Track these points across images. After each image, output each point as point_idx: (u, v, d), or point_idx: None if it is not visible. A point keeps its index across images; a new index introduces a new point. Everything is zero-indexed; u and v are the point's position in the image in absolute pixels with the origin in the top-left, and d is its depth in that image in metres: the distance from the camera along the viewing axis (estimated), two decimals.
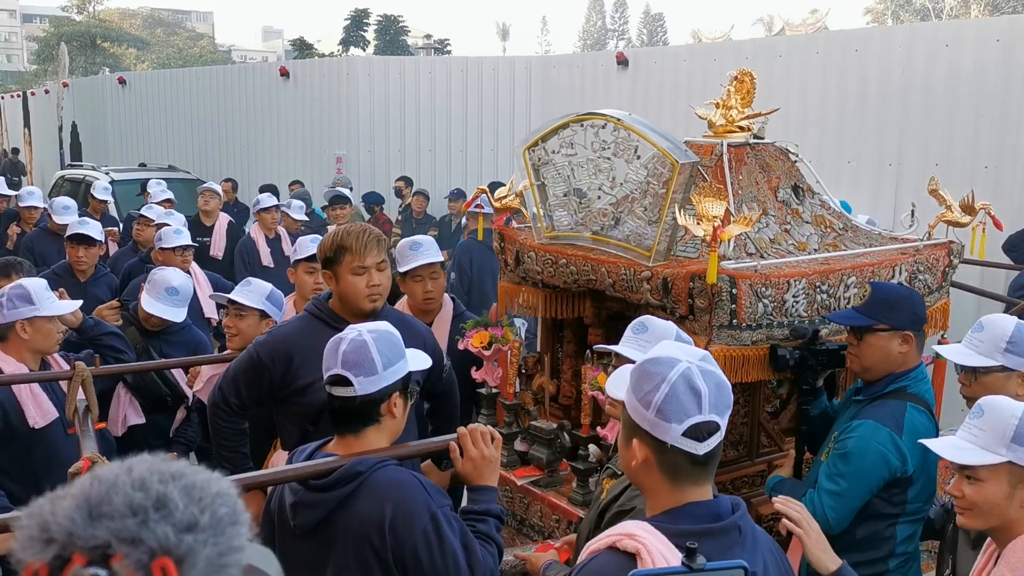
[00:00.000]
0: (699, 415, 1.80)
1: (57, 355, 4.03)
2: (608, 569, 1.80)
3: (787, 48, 9.71)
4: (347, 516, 2.35)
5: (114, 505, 1.03)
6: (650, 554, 1.74)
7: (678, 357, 1.86)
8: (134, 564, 1.00)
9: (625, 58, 11.20)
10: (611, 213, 3.78)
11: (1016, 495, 2.18)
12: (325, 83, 13.73)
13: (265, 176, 13.41)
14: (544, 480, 3.79)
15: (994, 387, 2.84)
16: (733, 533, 1.84)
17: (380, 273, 3.34)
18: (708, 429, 1.81)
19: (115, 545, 1.00)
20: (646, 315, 2.83)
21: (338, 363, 2.40)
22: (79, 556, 1.00)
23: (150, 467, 1.09)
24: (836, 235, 3.92)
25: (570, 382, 4.16)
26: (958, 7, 46.28)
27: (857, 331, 3.18)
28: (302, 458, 2.47)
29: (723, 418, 1.84)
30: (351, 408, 2.43)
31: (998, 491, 2.17)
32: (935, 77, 8.20)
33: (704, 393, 1.80)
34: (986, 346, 2.89)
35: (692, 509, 1.85)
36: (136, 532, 1.01)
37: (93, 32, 52.15)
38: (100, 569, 0.99)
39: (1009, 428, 2.16)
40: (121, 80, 18.71)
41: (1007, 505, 2.19)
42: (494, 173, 11.92)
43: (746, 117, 3.97)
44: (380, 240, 3.36)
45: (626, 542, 1.79)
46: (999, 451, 2.17)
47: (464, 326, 4.25)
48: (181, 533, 1.03)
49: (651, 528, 1.80)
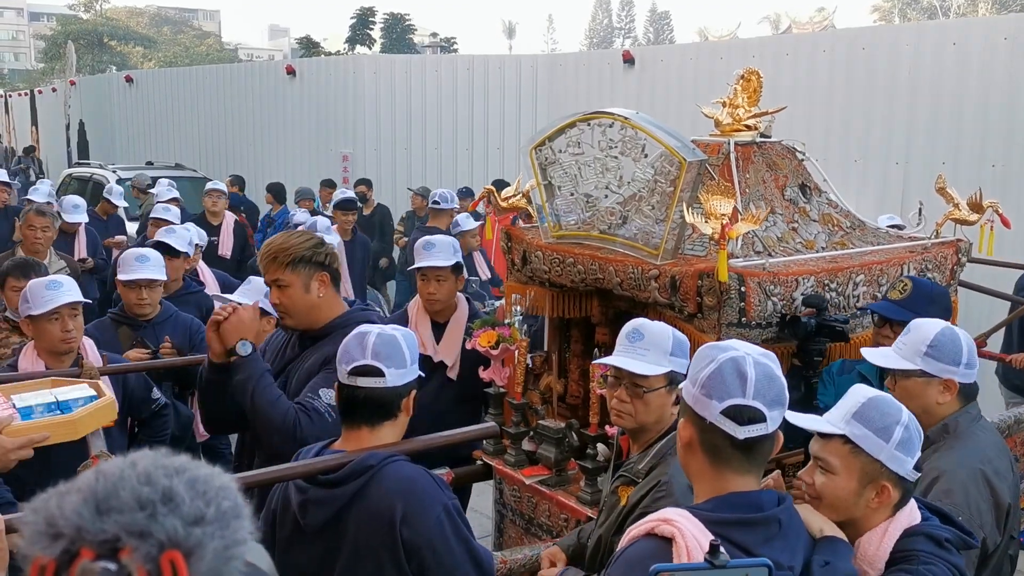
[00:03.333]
0: (741, 398, 1.83)
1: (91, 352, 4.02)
2: (646, 554, 1.82)
3: (794, 46, 9.70)
4: (358, 511, 2.34)
5: (122, 499, 1.04)
6: (684, 539, 1.76)
7: (736, 346, 1.91)
8: (143, 557, 1.00)
9: (631, 56, 11.20)
10: (618, 212, 3.78)
11: (864, 494, 2.13)
12: (331, 81, 13.74)
13: (271, 174, 13.42)
14: (552, 479, 3.79)
15: (914, 392, 2.72)
16: (773, 525, 1.84)
17: (279, 291, 3.26)
18: (750, 415, 1.83)
19: (124, 539, 1.01)
20: (640, 320, 2.79)
21: (367, 354, 2.40)
22: (87, 550, 1.00)
23: (154, 461, 1.10)
24: (844, 233, 3.92)
25: (577, 381, 4.16)
26: (965, 5, 46.14)
27: (900, 324, 3.17)
28: (309, 456, 2.47)
29: (771, 410, 1.85)
30: (376, 399, 2.42)
31: (847, 486, 2.13)
32: (942, 75, 8.19)
33: (750, 379, 1.84)
34: (908, 349, 2.75)
35: (733, 498, 1.86)
36: (145, 525, 1.02)
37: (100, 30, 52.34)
38: (110, 563, 1.00)
39: (856, 404, 2.15)
40: (128, 78, 18.74)
41: (854, 502, 2.14)
42: (500, 171, 11.92)
43: (753, 116, 3.97)
44: (277, 257, 3.25)
45: (663, 527, 1.81)
46: (838, 424, 2.15)
47: (471, 325, 4.25)
48: (189, 526, 1.04)
49: (688, 514, 1.82)
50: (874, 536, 2.13)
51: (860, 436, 2.11)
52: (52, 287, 3.86)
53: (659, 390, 2.65)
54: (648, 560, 1.79)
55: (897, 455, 2.10)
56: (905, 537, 2.11)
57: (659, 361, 2.65)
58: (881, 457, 2.10)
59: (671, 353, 2.66)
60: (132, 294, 4.74)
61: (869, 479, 2.12)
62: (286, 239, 3.32)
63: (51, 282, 3.91)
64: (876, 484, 2.12)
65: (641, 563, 1.81)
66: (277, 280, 3.25)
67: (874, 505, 2.14)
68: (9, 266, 4.91)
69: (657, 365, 2.64)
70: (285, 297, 3.25)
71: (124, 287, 4.76)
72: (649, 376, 2.64)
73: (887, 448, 2.10)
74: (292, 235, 3.40)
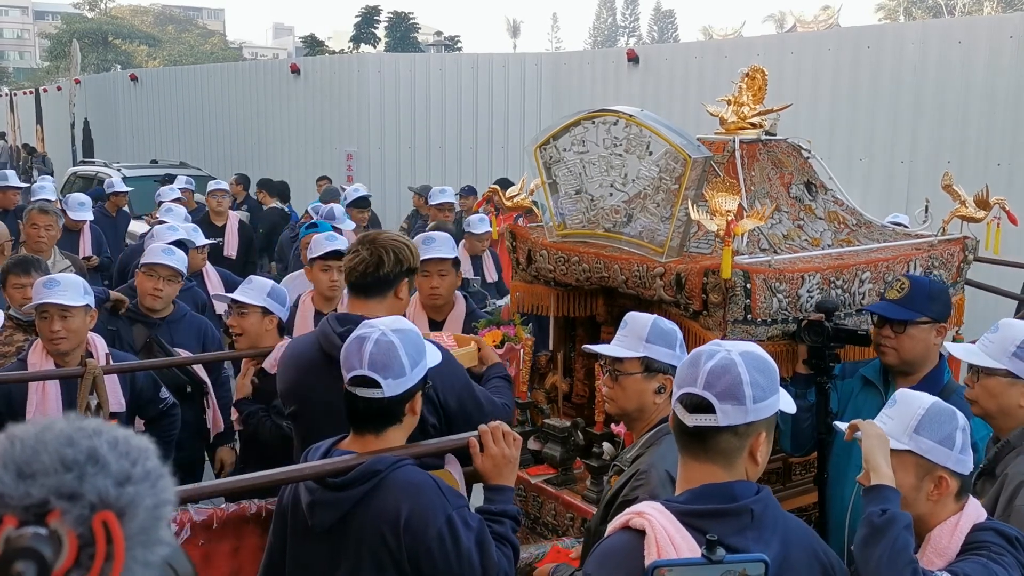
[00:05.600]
0: (692, 387, 1.90)
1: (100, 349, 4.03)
2: (619, 546, 1.88)
3: (799, 45, 9.69)
4: (363, 515, 2.33)
5: (44, 462, 1.00)
6: (655, 531, 1.79)
7: (724, 344, 1.96)
8: (74, 520, 0.97)
9: (636, 55, 11.19)
10: (623, 210, 3.77)
11: (923, 487, 2.19)
12: (336, 80, 13.76)
13: (276, 173, 13.43)
14: (558, 478, 3.79)
15: (995, 391, 2.72)
16: (745, 516, 1.85)
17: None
18: (697, 403, 1.89)
19: (53, 502, 0.97)
20: (631, 312, 2.87)
21: (363, 364, 2.36)
22: (10, 518, 0.97)
23: (70, 424, 1.06)
24: (849, 231, 3.90)
25: (583, 381, 4.15)
26: (971, 4, 46.05)
27: (899, 323, 3.18)
28: (317, 456, 2.46)
29: (721, 403, 1.87)
30: (375, 409, 2.40)
31: (904, 482, 2.18)
32: (948, 74, 8.17)
33: (703, 369, 1.90)
34: (995, 348, 2.75)
35: (706, 489, 1.89)
36: (76, 487, 0.99)
37: (105, 29, 52.46)
38: (39, 528, 0.96)
39: (914, 418, 2.21)
40: (133, 77, 18.79)
41: (914, 497, 2.20)
42: (504, 169, 11.92)
43: (758, 114, 3.96)
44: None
45: (636, 520, 1.86)
46: (902, 439, 2.20)
47: (476, 324, 4.24)
48: (119, 486, 1.01)
49: (661, 507, 1.86)
50: (945, 529, 2.19)
51: (927, 449, 2.19)
52: (49, 285, 3.88)
53: (634, 375, 2.71)
54: (620, 553, 1.87)
55: (962, 459, 2.20)
56: (975, 531, 2.17)
57: (632, 346, 2.72)
58: (948, 464, 2.18)
59: (646, 340, 2.71)
60: (149, 283, 4.72)
61: (925, 471, 2.19)
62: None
63: (49, 280, 3.93)
64: (933, 476, 2.19)
65: (614, 556, 1.88)
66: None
67: (935, 497, 2.20)
68: (9, 263, 4.90)
69: (630, 350, 2.71)
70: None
71: (143, 274, 4.76)
72: (623, 360, 2.72)
73: (953, 455, 2.19)
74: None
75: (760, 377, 1.90)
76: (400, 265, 3.09)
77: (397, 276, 3.10)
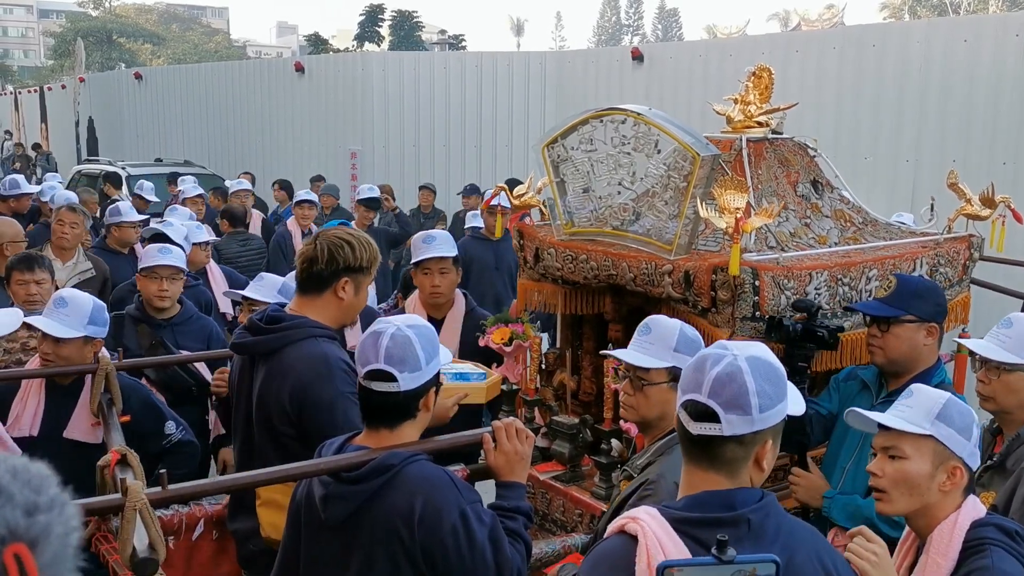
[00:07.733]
0: (697, 394, 1.86)
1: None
2: (612, 550, 1.88)
3: (804, 44, 9.69)
4: (377, 509, 2.34)
5: None
6: (646, 538, 1.78)
7: (731, 348, 1.91)
8: None
9: (640, 53, 11.21)
10: (631, 208, 3.79)
11: (937, 477, 2.22)
12: (340, 79, 13.78)
13: (280, 171, 13.45)
14: (566, 475, 3.80)
15: (1017, 386, 2.75)
16: (742, 525, 1.81)
17: None
18: (702, 411, 1.85)
19: None
20: (654, 316, 2.80)
21: (379, 357, 2.37)
22: None
23: None
24: (856, 229, 3.92)
25: (590, 378, 4.17)
26: (976, 2, 45.98)
27: (883, 322, 3.17)
28: (331, 451, 2.48)
29: (727, 412, 1.82)
30: (391, 403, 2.41)
31: (921, 469, 2.21)
32: (953, 73, 8.18)
33: (708, 377, 1.85)
34: (1014, 342, 2.77)
35: (704, 497, 1.87)
36: None
37: (109, 28, 52.51)
38: None
39: (936, 405, 2.23)
40: (137, 75, 18.81)
41: (927, 487, 2.21)
42: (508, 168, 11.94)
43: (764, 112, 3.97)
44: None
45: (630, 524, 1.85)
46: (924, 425, 2.22)
47: (484, 323, 4.26)
48: (29, 516, 0.96)
49: (655, 513, 1.85)
50: (944, 528, 2.21)
51: (947, 436, 2.22)
52: (56, 304, 3.68)
53: (660, 385, 2.65)
54: (612, 557, 1.87)
55: (975, 453, 2.26)
56: (975, 528, 2.20)
57: (661, 355, 2.65)
58: (964, 455, 2.22)
59: (675, 348, 2.65)
60: (153, 285, 4.69)
61: (941, 460, 2.22)
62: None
63: (58, 299, 3.72)
64: (947, 466, 2.22)
65: (606, 559, 1.88)
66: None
67: (946, 488, 2.23)
68: (13, 260, 4.91)
69: (658, 359, 2.65)
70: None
71: (145, 279, 4.72)
72: (650, 369, 2.65)
73: (969, 447, 2.23)
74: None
75: (767, 385, 1.84)
76: (335, 263, 3.03)
77: (333, 274, 3.04)
